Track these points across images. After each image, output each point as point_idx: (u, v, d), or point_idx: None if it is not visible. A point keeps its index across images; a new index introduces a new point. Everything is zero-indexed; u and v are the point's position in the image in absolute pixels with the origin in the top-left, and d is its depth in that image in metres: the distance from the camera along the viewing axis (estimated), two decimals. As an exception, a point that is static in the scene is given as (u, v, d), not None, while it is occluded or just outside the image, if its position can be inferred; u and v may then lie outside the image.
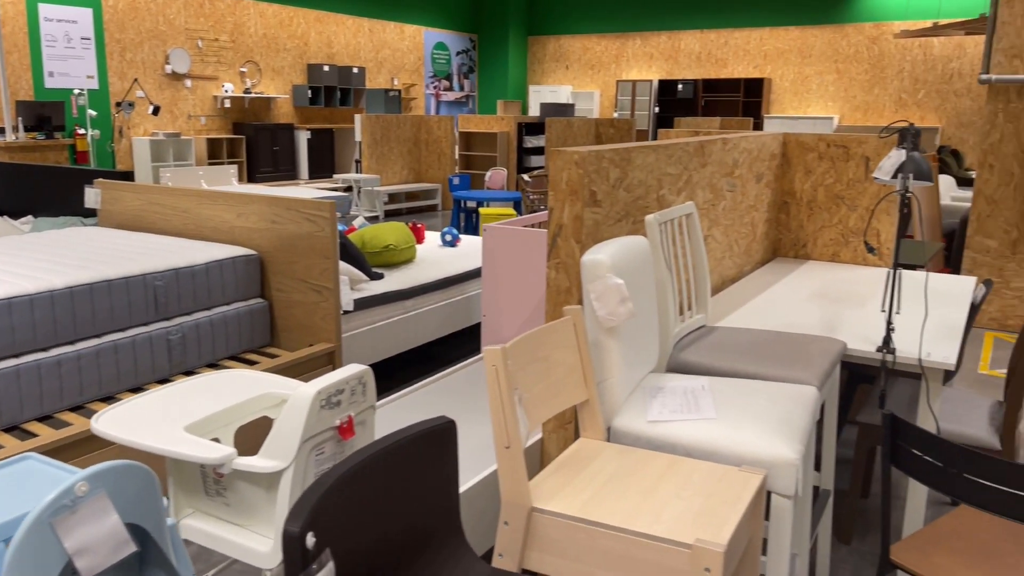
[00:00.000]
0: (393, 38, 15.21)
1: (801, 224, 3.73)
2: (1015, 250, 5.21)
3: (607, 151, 2.14)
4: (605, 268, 1.73)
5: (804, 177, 3.68)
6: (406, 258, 4.37)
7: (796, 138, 3.68)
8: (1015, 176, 5.14)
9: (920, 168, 2.49)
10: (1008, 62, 5.05)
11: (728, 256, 3.24)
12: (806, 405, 1.85)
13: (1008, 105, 5.11)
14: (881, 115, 14.55)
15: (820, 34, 14.80)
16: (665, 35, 16.37)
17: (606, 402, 1.76)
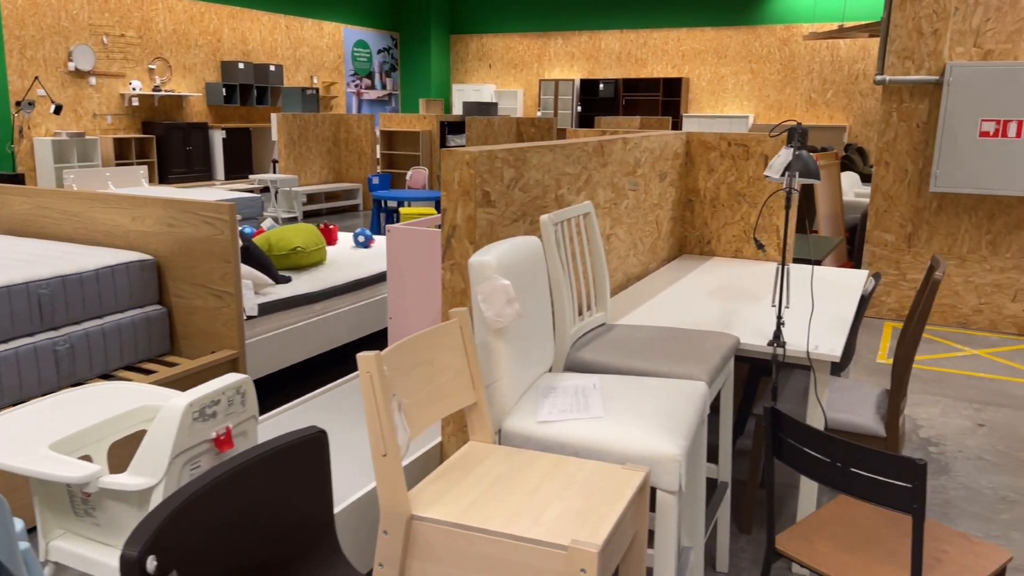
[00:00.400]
0: (311, 35, 14.91)
1: (705, 221, 3.81)
2: (910, 243, 5.45)
3: (500, 151, 2.13)
4: (492, 269, 1.72)
5: (707, 175, 3.76)
6: (315, 260, 4.27)
7: (699, 137, 3.76)
8: (909, 173, 5.38)
9: (807, 166, 2.57)
10: (900, 64, 5.29)
11: (633, 254, 3.28)
12: (694, 400, 1.88)
13: (901, 105, 5.34)
14: (793, 114, 15.06)
15: (734, 35, 15.21)
16: (586, 35, 16.54)
17: (496, 404, 1.75)
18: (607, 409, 1.76)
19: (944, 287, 5.40)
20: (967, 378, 4.39)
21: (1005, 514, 2.90)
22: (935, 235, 5.37)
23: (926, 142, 5.30)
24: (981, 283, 5.31)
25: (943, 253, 5.37)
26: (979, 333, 5.29)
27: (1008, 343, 5.07)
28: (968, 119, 5.03)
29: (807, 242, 4.75)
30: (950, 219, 5.31)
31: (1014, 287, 5.22)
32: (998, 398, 4.09)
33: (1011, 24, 4.97)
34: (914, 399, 4.07)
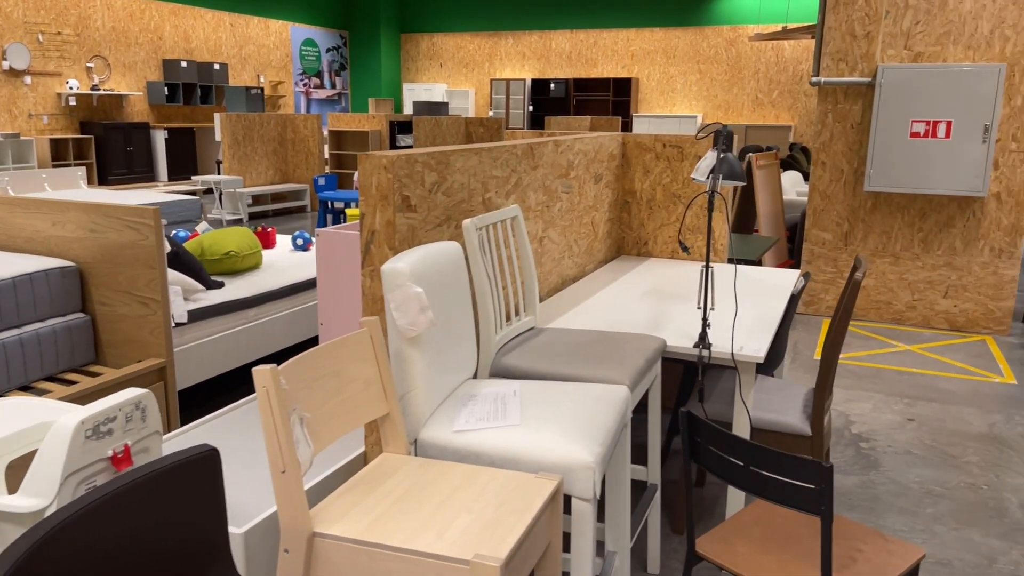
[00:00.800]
0: (257, 33, 14.66)
1: (642, 223, 3.82)
2: (847, 242, 5.57)
3: (421, 155, 2.10)
4: (404, 277, 1.69)
5: (643, 177, 3.78)
6: (250, 264, 4.18)
7: (634, 139, 3.77)
8: (844, 172, 5.49)
9: (732, 169, 2.59)
10: (835, 65, 5.39)
11: (568, 256, 3.28)
12: (614, 405, 1.87)
13: (836, 106, 5.44)
14: (740, 113, 15.30)
15: (683, 36, 15.39)
16: (537, 34, 16.57)
17: (411, 414, 1.72)
18: (525, 416, 1.74)
19: (879, 284, 5.53)
20: (900, 373, 4.50)
21: (930, 508, 2.97)
22: (870, 233, 5.49)
23: (860, 142, 5.42)
24: (914, 280, 5.44)
25: (878, 251, 5.49)
26: (913, 329, 5.43)
27: (939, 338, 5.21)
28: (899, 120, 5.15)
29: (745, 242, 4.81)
30: (884, 218, 5.44)
31: (945, 284, 5.36)
32: (928, 393, 4.20)
33: (939, 27, 5.10)
34: (849, 395, 4.15)
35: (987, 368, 4.61)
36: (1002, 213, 5.16)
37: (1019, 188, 5.09)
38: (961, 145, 5.05)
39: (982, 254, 5.24)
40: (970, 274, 5.29)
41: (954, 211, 5.27)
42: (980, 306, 5.31)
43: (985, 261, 5.24)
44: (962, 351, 4.93)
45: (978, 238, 5.24)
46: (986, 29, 5.01)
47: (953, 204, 5.26)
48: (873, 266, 5.52)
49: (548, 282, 3.10)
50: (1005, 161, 5.10)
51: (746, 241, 4.78)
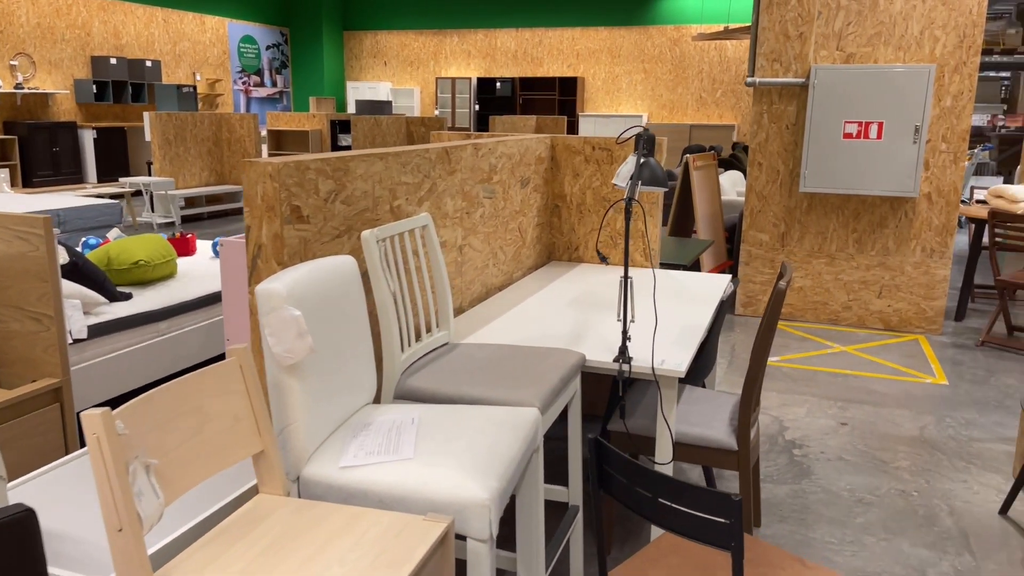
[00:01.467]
0: (193, 30, 14.20)
1: (572, 227, 3.71)
2: (784, 243, 5.55)
3: (314, 161, 1.94)
4: (280, 299, 1.53)
5: (573, 180, 3.67)
6: (164, 274, 3.96)
7: (563, 141, 3.66)
8: (780, 173, 5.48)
9: (654, 174, 2.49)
10: (769, 66, 5.37)
11: (492, 264, 3.15)
12: (520, 430, 1.75)
13: (771, 106, 5.42)
14: (685, 113, 15.39)
15: (627, 35, 15.41)
16: (482, 33, 16.42)
17: (293, 449, 1.56)
18: (420, 448, 1.60)
19: (816, 285, 5.53)
20: (834, 376, 4.48)
21: (860, 517, 2.92)
22: (806, 234, 5.49)
23: (795, 143, 5.41)
24: (849, 280, 5.45)
25: (814, 252, 5.49)
26: (848, 329, 5.44)
27: (874, 338, 5.23)
28: (833, 121, 5.15)
29: (681, 245, 4.75)
30: (819, 218, 5.44)
31: (879, 283, 5.39)
32: (861, 395, 4.18)
33: (870, 28, 5.11)
34: (784, 399, 4.11)
35: (919, 368, 4.63)
36: (933, 213, 5.20)
37: (949, 188, 5.13)
38: (893, 146, 5.07)
39: (914, 254, 5.28)
40: (903, 274, 5.32)
41: (887, 212, 5.29)
42: (913, 306, 5.34)
43: (917, 261, 5.28)
44: (896, 351, 4.95)
45: (910, 238, 5.27)
46: (916, 30, 5.03)
47: (886, 205, 5.28)
48: (809, 267, 5.52)
49: (471, 292, 2.97)
50: (935, 162, 5.14)
51: (682, 245, 4.72)
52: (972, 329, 5.45)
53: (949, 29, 4.97)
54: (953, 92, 5.02)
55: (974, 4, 4.90)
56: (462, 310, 2.89)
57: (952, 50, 4.99)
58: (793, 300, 5.60)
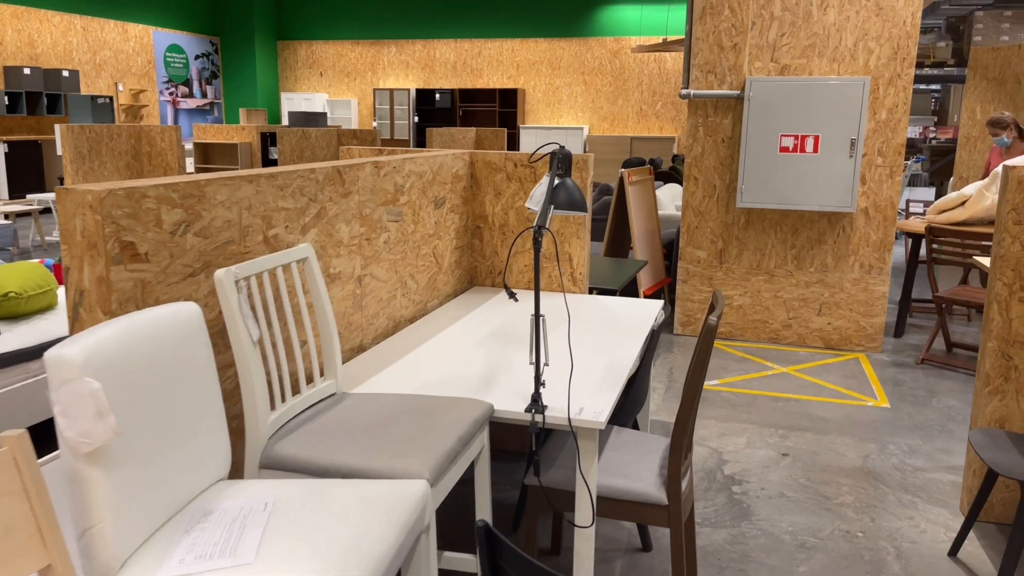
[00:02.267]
0: (114, 38, 13.56)
1: (496, 250, 3.44)
2: (722, 260, 5.38)
3: (154, 187, 1.61)
4: (75, 368, 1.20)
5: (495, 200, 3.39)
6: (40, 306, 3.54)
7: (483, 157, 3.38)
8: (717, 188, 5.30)
9: (571, 197, 2.23)
10: (704, 78, 5.19)
11: (401, 294, 2.84)
12: (401, 512, 1.44)
13: (707, 119, 5.25)
14: (626, 125, 15.33)
15: (567, 46, 15.29)
16: (420, 43, 16.12)
17: (98, 558, 1.23)
18: (265, 547, 1.29)
19: (755, 303, 5.36)
20: (775, 400, 4.29)
21: (803, 565, 2.69)
22: (745, 251, 5.32)
23: (732, 157, 5.24)
24: (789, 298, 5.30)
25: (753, 269, 5.32)
26: (789, 348, 5.28)
27: (815, 358, 5.08)
28: (769, 134, 5.00)
29: (616, 267, 4.51)
30: (758, 235, 5.28)
31: (818, 301, 5.25)
32: (802, 421, 3.99)
33: (804, 39, 4.98)
34: (723, 428, 3.89)
35: (860, 390, 4.47)
36: (871, 228, 5.08)
37: (886, 203, 5.02)
38: (829, 160, 4.93)
39: (853, 270, 5.15)
40: (842, 291, 5.19)
41: (825, 227, 5.15)
42: (853, 323, 5.21)
43: (856, 277, 5.15)
44: (836, 372, 4.80)
45: (848, 254, 5.14)
46: (850, 42, 4.92)
47: (824, 220, 5.15)
48: (748, 284, 5.35)
49: (375, 327, 2.65)
50: (872, 176, 5.02)
51: (616, 266, 4.48)
52: (912, 346, 5.35)
53: (883, 41, 4.87)
54: (888, 105, 4.92)
55: (908, 16, 4.81)
56: (363, 348, 2.58)
57: (887, 62, 4.89)
58: (733, 319, 5.43)
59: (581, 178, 3.26)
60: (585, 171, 3.26)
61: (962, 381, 4.65)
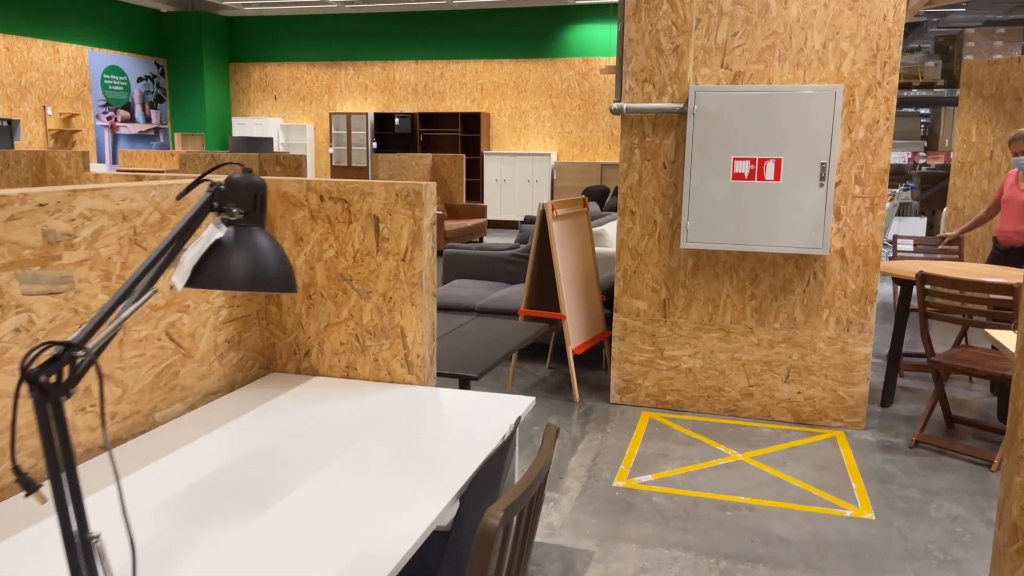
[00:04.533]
0: (43, 59, 12.57)
1: (299, 321, 2.38)
2: (666, 312, 4.34)
3: None
4: None
5: (296, 248, 2.35)
6: None
7: (276, 187, 2.34)
8: (658, 225, 4.28)
9: (259, 263, 1.18)
10: (640, 88, 4.20)
11: (88, 406, 1.78)
12: None
13: (644, 140, 4.24)
14: (596, 151, 14.39)
15: (534, 68, 14.39)
16: (379, 65, 15.20)
17: None
18: None
19: (708, 366, 4.32)
20: (723, 509, 3.23)
21: None
22: (694, 301, 4.28)
23: (675, 186, 4.23)
24: (749, 360, 4.26)
25: (704, 324, 4.28)
26: (750, 423, 4.23)
27: (781, 437, 4.02)
28: (719, 157, 3.99)
29: (507, 333, 3.43)
30: (709, 282, 4.25)
31: (785, 364, 4.20)
32: (757, 547, 2.93)
33: (761, 40, 3.99)
34: (645, 558, 2.83)
35: (836, 489, 3.42)
36: (848, 275, 4.05)
37: (866, 244, 4.01)
38: (795, 189, 3.93)
39: (827, 327, 4.12)
40: (814, 352, 4.16)
41: (791, 273, 4.13)
42: (828, 392, 4.17)
43: (831, 335, 4.12)
44: (808, 459, 3.75)
45: (821, 307, 4.11)
46: (817, 42, 3.93)
47: (790, 264, 4.12)
48: (699, 343, 4.31)
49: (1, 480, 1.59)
50: (848, 209, 4.01)
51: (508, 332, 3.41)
52: (902, 418, 4.30)
53: (859, 41, 3.89)
54: (866, 121, 3.93)
55: (888, 9, 3.83)
56: None
57: (863, 67, 3.90)
58: (681, 385, 4.37)
59: (414, 217, 2.23)
60: (419, 207, 2.22)
61: (967, 474, 3.60)
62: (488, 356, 2.71)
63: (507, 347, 2.87)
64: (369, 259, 2.29)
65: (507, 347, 2.87)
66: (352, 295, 2.32)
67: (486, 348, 2.77)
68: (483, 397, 2.18)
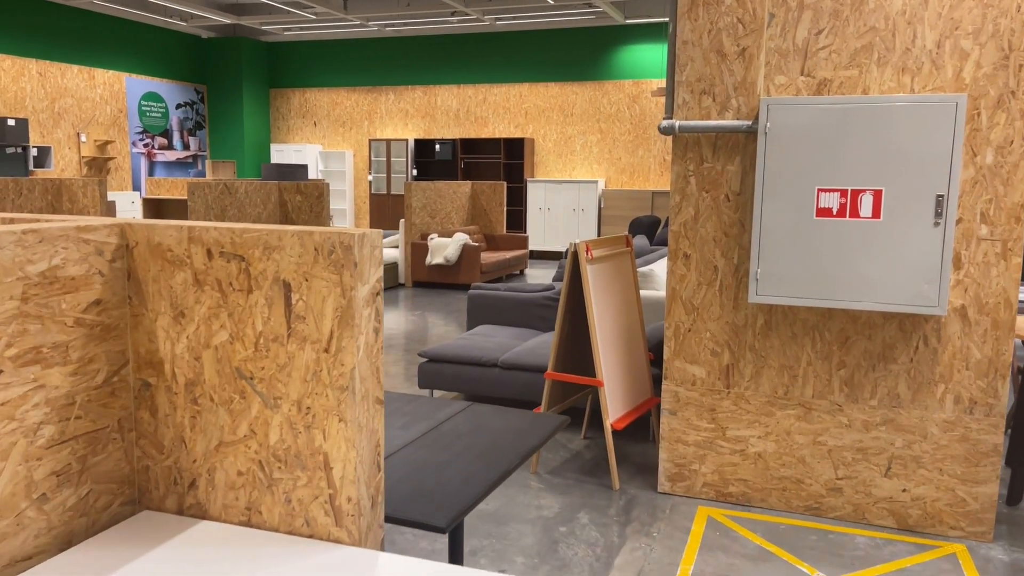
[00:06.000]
0: (78, 85, 12.32)
1: (181, 436, 1.59)
2: (729, 382, 3.44)
3: None
4: None
5: (175, 327, 1.56)
6: None
7: (148, 235, 1.56)
8: (720, 272, 3.41)
9: None
10: (696, 101, 3.35)
11: None
12: None
13: (701, 166, 3.39)
14: (647, 177, 13.51)
15: (581, 91, 13.63)
16: (420, 89, 14.64)
17: None
18: None
19: (783, 451, 3.40)
20: (812, 677, 2.31)
21: None
22: (764, 369, 3.38)
23: (741, 224, 3.35)
24: (837, 445, 3.33)
25: (777, 398, 3.38)
26: (839, 528, 3.29)
27: (880, 549, 3.08)
28: (799, 188, 3.12)
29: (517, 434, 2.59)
30: (785, 345, 3.35)
31: (885, 452, 3.26)
32: None
33: (855, 38, 3.12)
34: None
35: (972, 647, 2.47)
36: (971, 340, 3.11)
37: (996, 300, 3.06)
38: (900, 229, 3.02)
39: (942, 407, 3.17)
40: (925, 439, 3.21)
41: (894, 336, 3.21)
42: (944, 492, 3.21)
43: (948, 418, 3.17)
44: (922, 591, 2.80)
45: (934, 381, 3.17)
46: (930, 40, 3.04)
47: (892, 325, 3.20)
48: (772, 422, 3.40)
49: None
50: (971, 256, 3.08)
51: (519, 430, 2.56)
52: (1041, 526, 3.31)
53: (984, 38, 2.98)
54: (996, 141, 3.01)
55: (1027, -5, 2.93)
56: None
57: (991, 72, 2.99)
58: (749, 474, 3.46)
59: (342, 285, 1.42)
60: (350, 269, 1.42)
61: None
62: (473, 482, 1.86)
63: (505, 462, 2.02)
64: (277, 348, 1.49)
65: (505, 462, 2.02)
66: (254, 401, 1.52)
67: (473, 466, 1.93)
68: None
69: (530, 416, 2.28)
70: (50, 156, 11.68)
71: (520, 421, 2.21)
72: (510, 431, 2.12)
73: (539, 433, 2.13)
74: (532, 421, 2.23)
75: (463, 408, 2.29)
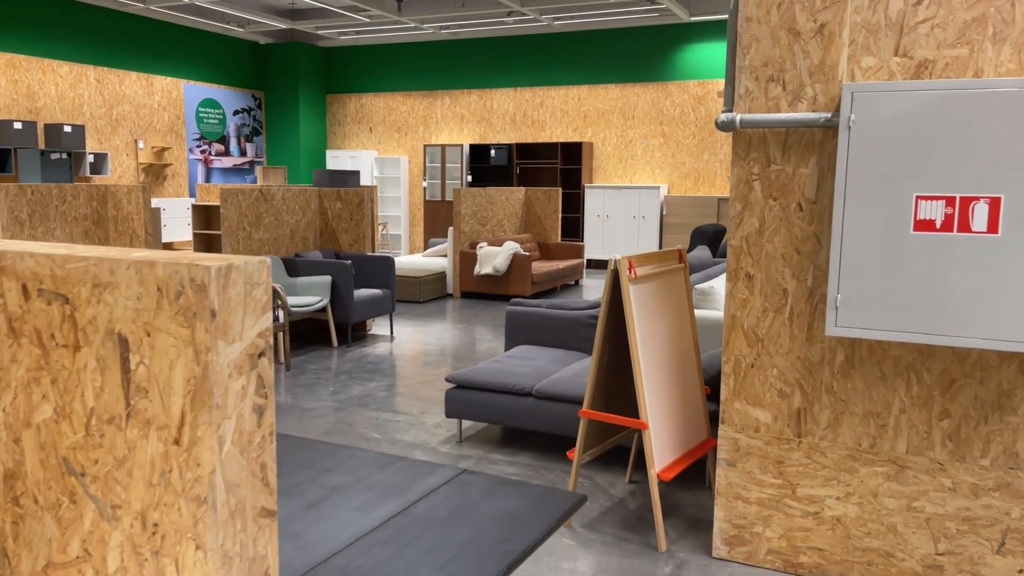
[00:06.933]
0: (136, 92, 12.35)
1: (3, 548, 1.12)
2: (800, 429, 2.83)
3: None
4: None
5: (-8, 395, 1.09)
6: None
7: (-48, 266, 1.10)
8: (791, 296, 2.81)
9: None
10: (762, 90, 2.77)
11: None
12: None
13: (768, 168, 2.80)
14: (713, 184, 12.77)
15: (643, 93, 12.98)
16: (476, 93, 14.24)
17: None
18: None
19: (869, 516, 2.77)
20: None
21: None
22: (845, 415, 2.77)
23: (817, 239, 2.75)
24: (938, 514, 2.68)
25: (862, 451, 2.75)
26: (939, 617, 2.64)
27: (999, 658, 2.42)
28: (891, 195, 2.50)
29: None
30: (871, 387, 2.72)
31: (1000, 524, 2.60)
32: None
33: (963, 10, 2.49)
34: None
35: None
36: (1119, 389, 2.43)
37: None
38: (1022, 247, 2.37)
39: (1079, 472, 2.50)
40: (1054, 511, 2.54)
41: (1014, 380, 2.55)
42: (1079, 579, 2.53)
43: (1086, 487, 2.50)
44: None
45: (1069, 439, 2.50)
46: (1066, 6, 2.39)
47: (1011, 367, 2.55)
48: (856, 481, 2.78)
49: None
50: (1121, 281, 2.40)
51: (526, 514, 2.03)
52: None
53: None
54: None
55: None
56: None
57: None
58: (825, 542, 2.85)
59: (195, 344, 0.93)
60: (204, 320, 0.92)
61: None
62: None
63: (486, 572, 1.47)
64: (114, 433, 1.01)
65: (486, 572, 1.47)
66: (87, 508, 1.04)
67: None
68: None
69: (536, 492, 1.75)
70: (107, 163, 11.70)
71: (519, 500, 1.68)
72: (503, 518, 1.59)
73: (542, 520, 1.59)
74: (537, 500, 1.70)
75: (449, 478, 1.78)
